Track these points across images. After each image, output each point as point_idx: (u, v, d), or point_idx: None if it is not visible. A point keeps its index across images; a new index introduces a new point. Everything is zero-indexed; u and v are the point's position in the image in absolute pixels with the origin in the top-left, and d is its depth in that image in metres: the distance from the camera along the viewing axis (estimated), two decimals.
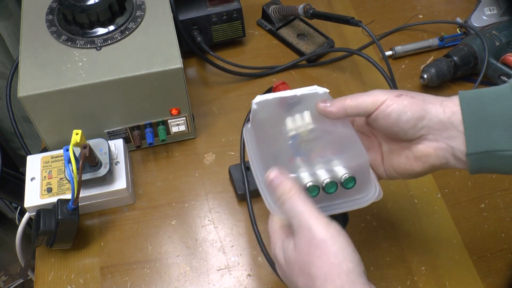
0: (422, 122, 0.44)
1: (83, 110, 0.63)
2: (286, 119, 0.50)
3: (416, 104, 0.44)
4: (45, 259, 0.63)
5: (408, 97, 0.45)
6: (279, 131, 0.49)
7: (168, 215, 0.67)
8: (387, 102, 0.45)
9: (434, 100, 0.45)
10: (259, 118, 0.50)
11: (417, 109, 0.44)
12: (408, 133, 0.45)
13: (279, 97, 0.51)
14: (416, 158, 0.46)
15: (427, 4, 0.94)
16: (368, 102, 0.46)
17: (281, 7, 0.86)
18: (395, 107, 0.45)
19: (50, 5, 0.67)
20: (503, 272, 0.63)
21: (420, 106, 0.44)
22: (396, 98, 0.45)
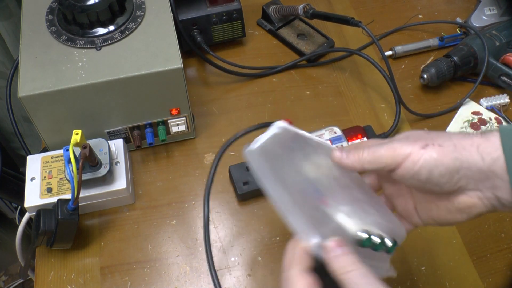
0: (458, 174, 0.39)
1: (83, 110, 0.63)
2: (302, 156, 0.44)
3: (448, 155, 0.38)
4: (45, 259, 0.63)
5: (436, 146, 0.39)
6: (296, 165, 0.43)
7: (168, 215, 0.67)
8: (413, 157, 0.39)
9: (467, 144, 0.39)
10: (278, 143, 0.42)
11: (450, 161, 0.38)
12: (445, 188, 0.40)
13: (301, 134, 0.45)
14: (459, 210, 0.41)
15: (427, 4, 0.94)
16: (387, 157, 0.40)
17: (281, 7, 0.86)
18: (424, 164, 0.39)
19: (50, 5, 0.67)
20: (503, 272, 0.63)
21: (453, 156, 0.38)
22: (422, 151, 0.39)
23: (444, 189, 0.40)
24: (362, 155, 0.42)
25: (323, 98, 0.79)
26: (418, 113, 0.76)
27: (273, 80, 0.82)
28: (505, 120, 0.77)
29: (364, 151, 0.42)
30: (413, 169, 0.39)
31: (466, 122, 0.77)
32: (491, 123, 0.77)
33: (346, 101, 0.79)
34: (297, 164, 0.43)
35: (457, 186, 0.40)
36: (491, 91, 0.81)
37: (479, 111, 0.78)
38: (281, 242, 0.64)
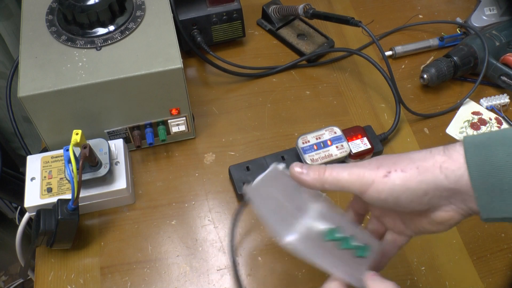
0: (427, 195, 0.39)
1: (83, 110, 0.63)
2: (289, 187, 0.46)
3: (412, 180, 0.38)
4: (45, 259, 0.63)
5: (399, 172, 0.39)
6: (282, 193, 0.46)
7: (168, 215, 0.67)
8: (376, 186, 0.39)
9: (430, 165, 0.38)
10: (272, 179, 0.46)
11: (415, 186, 0.38)
12: (416, 209, 0.40)
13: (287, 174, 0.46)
14: (439, 223, 0.41)
15: (427, 4, 0.94)
16: (350, 182, 0.40)
17: (281, 7, 0.86)
18: (389, 192, 0.39)
19: (50, 5, 0.67)
20: (503, 272, 0.63)
21: (417, 180, 0.38)
22: (385, 179, 0.39)
23: (416, 209, 0.40)
24: (324, 173, 0.41)
25: (323, 98, 0.79)
26: (418, 113, 0.76)
27: (273, 80, 0.82)
28: (505, 120, 0.77)
29: (326, 171, 0.41)
30: (379, 197, 0.39)
31: (466, 122, 0.77)
32: (491, 123, 0.77)
33: (346, 101, 0.79)
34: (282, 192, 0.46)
35: (429, 206, 0.40)
36: (491, 91, 0.81)
37: (479, 111, 0.78)
38: None
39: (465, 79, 0.83)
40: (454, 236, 0.65)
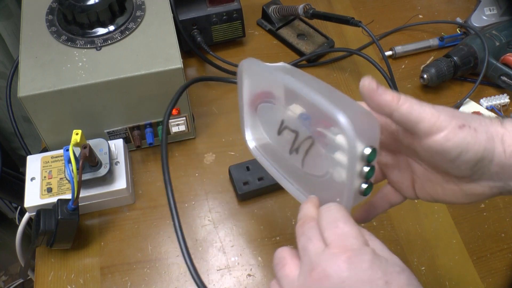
0: (482, 163, 0.37)
1: (83, 110, 0.63)
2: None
3: (480, 143, 0.36)
4: (45, 259, 0.63)
5: (472, 130, 0.37)
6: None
7: (168, 215, 0.66)
8: (447, 133, 0.36)
9: (494, 133, 0.37)
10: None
11: (480, 150, 0.37)
12: (463, 172, 0.38)
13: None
14: (466, 195, 0.40)
15: (427, 4, 0.94)
16: (426, 120, 0.37)
17: (281, 7, 0.86)
18: (457, 144, 0.36)
19: (50, 5, 0.67)
20: (503, 272, 0.63)
21: (484, 146, 0.37)
22: (458, 130, 0.36)
23: (461, 173, 0.38)
24: (399, 100, 0.37)
25: None
26: None
27: None
28: None
29: (401, 98, 0.37)
30: (443, 144, 0.36)
31: None
32: None
33: None
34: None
35: (473, 173, 0.38)
36: (491, 91, 0.81)
37: (479, 111, 0.78)
38: (281, 242, 0.64)
39: (465, 79, 0.82)
40: (454, 236, 0.65)
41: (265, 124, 0.49)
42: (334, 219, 0.37)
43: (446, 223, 0.66)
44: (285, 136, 0.46)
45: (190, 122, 0.71)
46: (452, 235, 0.65)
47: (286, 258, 0.38)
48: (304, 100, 0.43)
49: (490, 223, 0.67)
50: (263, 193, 0.68)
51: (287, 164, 0.47)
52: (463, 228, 0.66)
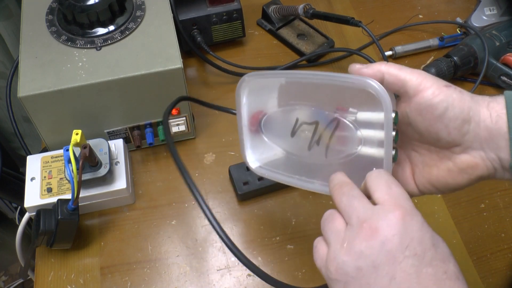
0: (469, 125, 0.39)
1: (83, 110, 0.63)
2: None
3: (465, 101, 0.39)
4: (45, 259, 0.63)
5: (457, 91, 0.39)
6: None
7: (168, 215, 0.67)
8: (434, 90, 0.39)
9: (480, 99, 0.39)
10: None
11: (466, 107, 0.38)
12: (452, 134, 0.39)
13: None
14: (460, 170, 0.41)
15: (427, 4, 0.94)
16: (412, 77, 0.39)
17: (281, 7, 0.86)
18: (443, 98, 0.38)
19: (50, 5, 0.67)
20: (503, 272, 0.63)
21: (468, 104, 0.38)
22: (444, 88, 0.39)
23: (450, 136, 0.40)
24: (386, 64, 0.41)
25: None
26: None
27: None
28: None
29: (388, 63, 0.41)
30: (431, 100, 0.39)
31: None
32: None
33: None
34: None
35: (462, 140, 0.39)
36: (491, 91, 0.81)
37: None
38: (281, 242, 0.64)
39: (465, 79, 0.82)
40: (454, 236, 0.65)
41: (274, 134, 0.50)
42: (386, 181, 0.38)
43: (446, 223, 0.66)
44: (300, 134, 0.47)
45: (190, 122, 0.71)
46: (452, 235, 0.65)
47: (336, 214, 0.39)
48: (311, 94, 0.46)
49: (490, 223, 0.67)
50: (263, 193, 0.68)
51: (305, 164, 0.48)
52: (463, 228, 0.66)
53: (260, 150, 0.52)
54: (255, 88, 0.50)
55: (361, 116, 0.42)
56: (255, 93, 0.50)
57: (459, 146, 0.40)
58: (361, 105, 0.42)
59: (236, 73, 0.80)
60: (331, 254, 0.37)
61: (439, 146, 0.42)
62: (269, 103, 0.50)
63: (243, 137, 0.52)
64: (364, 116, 0.42)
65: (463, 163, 0.40)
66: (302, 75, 0.46)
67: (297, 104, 0.47)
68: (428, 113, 0.39)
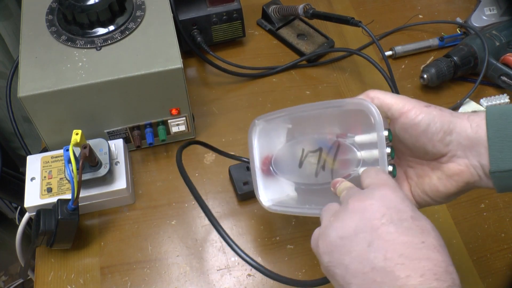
0: (450, 136, 0.43)
1: (83, 110, 0.63)
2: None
3: (445, 116, 0.43)
4: (45, 259, 0.63)
5: (437, 109, 0.44)
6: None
7: (168, 215, 0.67)
8: (415, 110, 0.44)
9: (461, 114, 0.44)
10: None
11: (446, 121, 0.43)
12: (436, 146, 0.44)
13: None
14: (448, 178, 0.44)
15: (427, 4, 0.94)
16: (395, 102, 0.45)
17: (281, 7, 0.86)
18: (425, 117, 0.43)
19: (50, 5, 0.67)
20: (503, 272, 0.63)
21: (448, 119, 0.43)
22: (424, 108, 0.44)
23: (436, 148, 0.44)
24: (374, 91, 0.46)
25: (323, 98, 0.79)
26: None
27: (273, 80, 0.82)
28: None
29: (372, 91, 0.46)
30: (414, 119, 0.43)
31: None
32: None
33: None
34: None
35: (446, 150, 0.44)
36: (491, 91, 0.81)
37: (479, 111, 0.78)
38: (281, 242, 0.64)
39: (465, 79, 0.82)
40: (454, 236, 0.65)
41: (284, 169, 0.55)
42: (376, 171, 0.43)
43: (446, 223, 0.66)
44: (307, 164, 0.52)
45: (190, 122, 0.71)
46: (452, 235, 0.65)
47: (335, 204, 0.43)
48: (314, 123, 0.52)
49: (490, 223, 0.67)
50: None
51: (314, 191, 0.52)
52: (463, 228, 0.66)
53: (272, 189, 0.56)
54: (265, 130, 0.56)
55: (358, 139, 0.47)
56: (265, 135, 0.56)
57: (445, 155, 0.44)
58: (357, 129, 0.47)
59: (236, 73, 0.80)
60: (321, 230, 0.40)
61: (427, 158, 0.46)
62: (278, 144, 0.55)
63: (256, 178, 0.57)
64: (361, 138, 0.47)
65: (450, 170, 0.44)
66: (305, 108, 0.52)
67: (302, 136, 0.53)
68: (413, 130, 0.44)
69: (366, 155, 0.46)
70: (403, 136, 0.45)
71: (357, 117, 0.46)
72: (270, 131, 0.56)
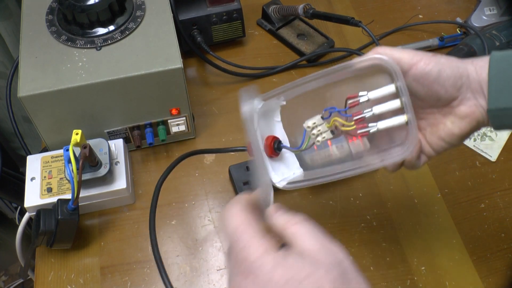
0: (461, 80, 0.45)
1: (83, 110, 0.63)
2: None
3: (452, 62, 0.45)
4: (45, 259, 0.63)
5: (444, 56, 0.46)
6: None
7: (168, 215, 0.67)
8: (425, 60, 0.45)
9: (466, 60, 0.46)
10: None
11: (455, 66, 0.45)
12: (449, 91, 0.45)
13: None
14: (461, 120, 0.47)
15: (427, 4, 0.94)
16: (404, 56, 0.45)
17: (281, 7, 0.86)
18: (435, 65, 0.45)
19: (50, 5, 0.67)
20: (503, 272, 0.63)
21: (456, 64, 0.45)
22: (432, 57, 0.45)
23: (448, 93, 0.45)
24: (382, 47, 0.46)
25: None
26: None
27: (273, 80, 0.82)
28: None
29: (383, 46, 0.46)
30: (425, 69, 0.45)
31: None
32: None
33: None
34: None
35: (458, 94, 0.45)
36: None
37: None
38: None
39: None
40: (454, 236, 0.65)
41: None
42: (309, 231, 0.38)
43: (446, 223, 0.66)
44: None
45: (190, 122, 0.71)
46: (452, 235, 0.65)
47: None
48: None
49: (490, 223, 0.67)
50: None
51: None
52: (463, 228, 0.66)
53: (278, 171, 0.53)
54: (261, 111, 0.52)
55: (372, 95, 0.46)
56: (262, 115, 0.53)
57: (456, 99, 0.46)
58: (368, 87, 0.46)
59: (236, 73, 0.80)
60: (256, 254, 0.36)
61: (439, 105, 0.47)
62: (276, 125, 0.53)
63: (264, 161, 0.52)
64: (375, 94, 0.46)
65: (461, 112, 0.46)
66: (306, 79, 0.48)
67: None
68: (425, 80, 0.45)
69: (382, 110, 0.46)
70: (415, 88, 0.46)
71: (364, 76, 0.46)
72: (267, 110, 0.53)
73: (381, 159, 0.47)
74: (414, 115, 0.44)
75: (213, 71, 0.81)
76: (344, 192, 0.69)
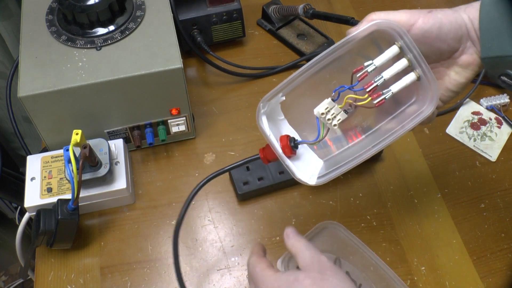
0: (460, 31, 0.46)
1: (83, 110, 0.63)
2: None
3: (449, 15, 0.46)
4: (45, 259, 0.63)
5: (439, 11, 0.46)
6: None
7: (168, 215, 0.67)
8: (422, 19, 0.45)
9: (458, 9, 0.47)
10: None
11: (453, 19, 0.46)
12: (451, 44, 0.46)
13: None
14: (465, 69, 0.48)
15: (427, 4, 0.94)
16: (401, 17, 0.46)
17: (281, 7, 0.86)
18: (434, 22, 0.45)
19: (50, 5, 0.67)
20: (503, 272, 0.63)
21: (454, 16, 0.46)
22: (429, 14, 0.46)
23: (451, 46, 0.46)
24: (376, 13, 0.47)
25: None
26: None
27: (273, 80, 0.82)
28: (505, 120, 0.77)
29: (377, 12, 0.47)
30: (424, 27, 0.45)
31: (466, 122, 0.77)
32: (491, 123, 0.77)
33: None
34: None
35: (459, 45, 0.47)
36: (491, 91, 0.81)
37: (479, 111, 0.78)
38: (281, 242, 0.64)
39: None
40: (454, 236, 0.65)
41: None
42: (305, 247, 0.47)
43: (446, 223, 0.66)
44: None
45: (190, 122, 0.71)
46: (452, 235, 0.65)
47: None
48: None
49: (490, 223, 0.67)
50: (263, 193, 0.68)
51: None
52: (463, 228, 0.66)
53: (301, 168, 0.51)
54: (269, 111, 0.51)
55: (378, 61, 0.45)
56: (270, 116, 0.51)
57: (457, 51, 0.47)
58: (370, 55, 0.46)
59: (236, 73, 0.80)
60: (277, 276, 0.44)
61: (442, 59, 0.48)
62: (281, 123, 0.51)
63: (288, 164, 0.50)
64: (381, 59, 0.45)
65: (464, 62, 0.48)
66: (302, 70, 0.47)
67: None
68: (425, 38, 0.46)
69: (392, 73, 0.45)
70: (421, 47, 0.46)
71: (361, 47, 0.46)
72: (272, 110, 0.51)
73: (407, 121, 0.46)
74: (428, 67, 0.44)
75: (213, 71, 0.81)
76: (344, 192, 0.69)
